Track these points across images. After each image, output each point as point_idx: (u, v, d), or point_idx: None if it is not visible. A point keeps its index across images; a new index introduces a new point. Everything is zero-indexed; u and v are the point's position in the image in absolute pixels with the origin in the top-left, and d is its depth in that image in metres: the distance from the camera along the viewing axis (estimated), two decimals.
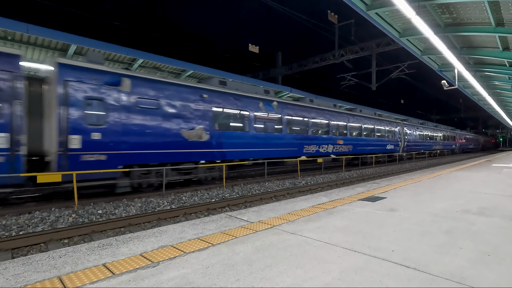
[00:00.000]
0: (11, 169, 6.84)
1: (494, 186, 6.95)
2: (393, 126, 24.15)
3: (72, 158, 7.69)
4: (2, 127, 6.77)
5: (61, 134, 7.52)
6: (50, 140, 7.61)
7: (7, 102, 6.85)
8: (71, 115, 7.72)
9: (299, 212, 4.41)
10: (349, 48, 21.16)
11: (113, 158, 8.37)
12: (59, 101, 7.55)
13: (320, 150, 16.27)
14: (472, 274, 2.28)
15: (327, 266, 2.45)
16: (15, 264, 2.52)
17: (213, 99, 11.03)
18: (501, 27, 9.48)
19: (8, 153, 6.85)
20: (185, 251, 2.82)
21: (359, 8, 8.75)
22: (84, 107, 7.95)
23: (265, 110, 13.17)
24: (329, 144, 16.91)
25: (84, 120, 7.92)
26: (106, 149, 8.27)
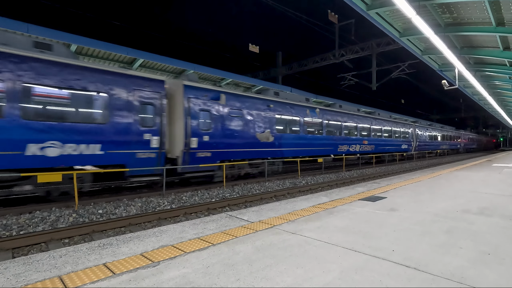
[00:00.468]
0: (159, 163, 9.29)
1: (494, 186, 6.95)
2: (407, 127, 26.57)
3: (192, 155, 10.15)
4: (155, 132, 9.25)
5: (186, 137, 9.98)
6: (179, 142, 10.02)
7: (158, 115, 9.35)
8: (192, 123, 10.19)
9: (299, 212, 4.41)
10: (349, 47, 21.15)
11: (215, 155, 10.92)
12: (184, 112, 9.99)
13: (350, 149, 18.75)
14: (472, 274, 2.28)
15: (328, 265, 2.45)
16: (16, 264, 2.53)
17: (276, 108, 13.59)
18: (501, 27, 9.47)
19: (158, 151, 9.28)
20: (186, 250, 2.82)
21: (359, 7, 8.75)
22: (199, 117, 10.46)
23: (310, 115, 15.61)
24: (357, 144, 19.41)
25: (199, 127, 10.42)
26: (211, 148, 10.76)
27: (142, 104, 9.04)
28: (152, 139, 9.17)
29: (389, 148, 23.45)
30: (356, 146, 19.27)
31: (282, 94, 14.89)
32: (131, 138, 8.74)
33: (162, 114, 9.43)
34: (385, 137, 22.85)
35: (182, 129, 9.93)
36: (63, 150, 7.46)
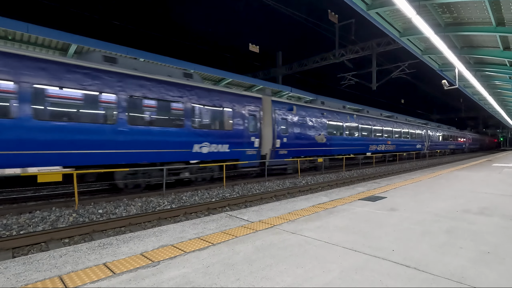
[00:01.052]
0: (257, 158, 12.77)
1: (494, 186, 6.95)
2: (420, 129, 30.08)
3: (276, 152, 13.64)
4: (257, 135, 12.75)
5: (273, 139, 13.41)
6: (268, 143, 13.33)
7: (258, 123, 12.83)
8: (277, 128, 13.64)
9: (299, 212, 4.41)
10: (349, 47, 21.13)
11: (289, 153, 14.41)
12: (272, 121, 13.40)
13: (377, 149, 22.26)
14: (473, 273, 2.28)
15: (328, 265, 2.45)
16: (16, 264, 2.53)
17: (327, 115, 17.07)
18: (501, 27, 9.47)
19: (257, 149, 12.78)
20: (186, 250, 2.82)
21: (359, 7, 8.74)
22: (280, 124, 13.92)
23: (350, 120, 19.02)
24: (383, 144, 23.03)
25: (281, 131, 13.87)
26: (287, 147, 14.19)
27: (249, 115, 12.51)
28: (255, 141, 12.69)
29: (407, 147, 26.94)
30: (382, 146, 22.91)
31: (326, 103, 18.47)
32: (244, 140, 12.25)
33: (260, 122, 12.95)
34: (403, 138, 26.42)
35: (271, 133, 13.40)
36: (210, 149, 10.94)
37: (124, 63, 9.30)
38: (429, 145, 31.79)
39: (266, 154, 13.22)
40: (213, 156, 11.02)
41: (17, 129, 7.00)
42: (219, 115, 11.45)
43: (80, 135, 7.93)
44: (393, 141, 24.30)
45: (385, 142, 23.24)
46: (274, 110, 13.62)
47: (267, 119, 13.32)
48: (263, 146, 13.10)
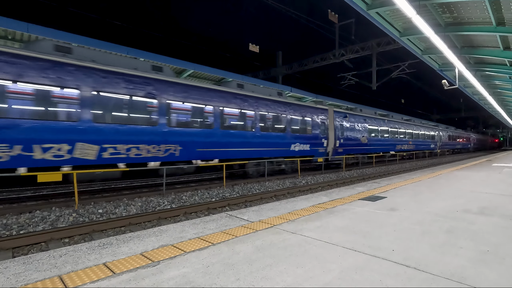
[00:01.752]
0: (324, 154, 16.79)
1: (494, 186, 6.95)
2: (433, 131, 34.31)
3: (336, 151, 17.67)
4: (325, 138, 16.75)
5: (334, 140, 17.43)
6: (331, 143, 17.33)
7: (326, 128, 16.80)
8: (336, 132, 17.64)
9: (299, 212, 4.41)
10: (349, 47, 21.14)
11: (344, 151, 18.49)
12: (334, 126, 17.47)
13: (402, 148, 26.67)
14: (473, 273, 2.28)
15: (328, 265, 2.45)
16: (16, 263, 2.53)
17: (367, 121, 21.36)
18: (501, 27, 9.46)
19: (325, 148, 16.84)
20: (186, 250, 2.82)
21: (359, 7, 8.74)
22: (339, 129, 17.92)
23: (382, 125, 23.46)
24: (405, 144, 27.33)
25: (339, 134, 17.86)
26: (343, 147, 18.32)
27: (321, 123, 16.56)
28: (324, 142, 16.79)
29: (423, 147, 31.06)
30: (404, 145, 27.19)
31: (363, 110, 22.60)
32: (318, 141, 16.36)
33: (327, 127, 17.06)
34: (421, 138, 30.64)
35: (333, 135, 17.50)
36: (300, 148, 15.12)
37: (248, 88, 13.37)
38: (441, 145, 36.18)
39: (329, 152, 17.47)
40: (300, 153, 15.28)
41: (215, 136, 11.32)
42: (304, 123, 15.67)
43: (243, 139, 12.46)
44: (413, 142, 28.94)
45: (407, 143, 27.78)
46: (334, 118, 17.78)
47: (330, 125, 17.45)
48: (328, 146, 17.30)
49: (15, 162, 7.03)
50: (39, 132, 7.39)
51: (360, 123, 20.29)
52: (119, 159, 8.78)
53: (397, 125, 25.72)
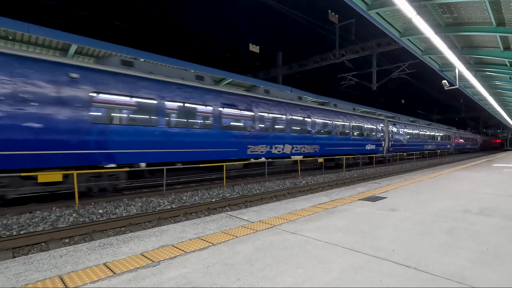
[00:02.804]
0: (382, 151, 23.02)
1: (494, 186, 6.95)
2: (448, 132, 40.52)
3: (388, 150, 23.30)
4: (383, 140, 22.91)
5: (388, 142, 23.35)
6: (386, 143, 23.16)
7: (383, 132, 22.93)
8: (389, 135, 23.64)
9: (299, 212, 4.41)
10: (349, 47, 21.13)
11: (393, 150, 24.26)
12: (387, 130, 23.33)
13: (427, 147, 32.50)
14: (473, 274, 2.28)
15: (328, 265, 2.45)
16: (16, 263, 2.53)
17: (406, 127, 27.38)
18: (502, 27, 9.46)
19: (383, 148, 22.85)
20: (186, 250, 2.82)
21: (359, 7, 8.74)
22: (390, 133, 23.61)
23: (415, 129, 29.46)
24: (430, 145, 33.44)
25: (390, 137, 23.72)
26: (393, 147, 24.11)
27: (381, 129, 22.41)
28: (382, 143, 22.61)
29: (442, 147, 37.52)
30: (429, 145, 33.12)
31: (401, 118, 28.84)
32: (379, 143, 22.14)
33: (384, 133, 22.78)
34: (440, 140, 37.03)
35: (387, 139, 23.30)
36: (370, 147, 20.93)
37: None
38: (454, 146, 42.76)
39: (384, 150, 23.13)
40: (370, 151, 21.14)
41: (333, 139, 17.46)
42: (373, 130, 21.63)
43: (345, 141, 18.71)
44: (435, 143, 35.02)
45: (432, 143, 33.83)
46: (388, 126, 23.60)
47: (385, 131, 23.17)
48: (384, 146, 22.98)
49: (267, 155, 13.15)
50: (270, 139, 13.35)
51: (402, 128, 26.45)
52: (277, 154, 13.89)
53: (424, 129, 31.92)
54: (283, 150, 13.85)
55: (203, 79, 11.16)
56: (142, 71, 9.46)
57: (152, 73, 9.71)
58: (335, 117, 17.64)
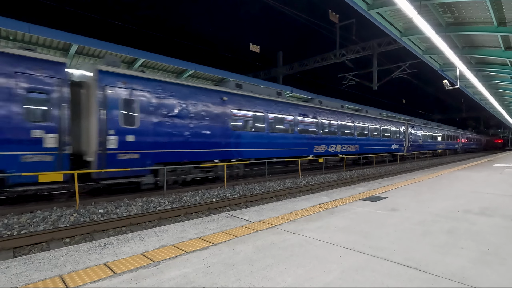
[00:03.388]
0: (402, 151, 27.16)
1: (495, 186, 6.93)
2: (456, 133, 44.89)
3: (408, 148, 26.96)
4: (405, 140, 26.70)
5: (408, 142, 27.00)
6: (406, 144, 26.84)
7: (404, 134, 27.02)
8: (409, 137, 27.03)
9: (300, 212, 4.41)
10: (350, 47, 21.13)
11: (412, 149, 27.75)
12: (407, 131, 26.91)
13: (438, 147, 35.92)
14: (474, 274, 2.27)
15: (328, 265, 2.45)
16: (17, 263, 2.53)
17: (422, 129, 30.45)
18: (503, 27, 9.44)
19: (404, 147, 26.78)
20: (186, 250, 2.83)
21: (360, 7, 8.73)
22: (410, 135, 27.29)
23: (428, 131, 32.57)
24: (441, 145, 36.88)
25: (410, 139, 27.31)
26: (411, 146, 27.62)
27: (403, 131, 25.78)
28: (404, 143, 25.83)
29: (450, 147, 41.18)
30: (440, 145, 36.56)
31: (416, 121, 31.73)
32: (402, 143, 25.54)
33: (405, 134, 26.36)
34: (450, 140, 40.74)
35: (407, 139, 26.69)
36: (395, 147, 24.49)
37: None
38: (461, 146, 46.67)
39: (405, 149, 26.11)
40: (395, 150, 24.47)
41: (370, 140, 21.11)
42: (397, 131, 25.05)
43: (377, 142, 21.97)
44: (445, 143, 38.69)
45: (442, 143, 37.56)
46: (407, 128, 26.60)
47: (406, 132, 26.26)
48: (405, 146, 26.21)
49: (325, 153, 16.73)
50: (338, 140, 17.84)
51: (418, 130, 29.49)
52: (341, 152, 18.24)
53: (436, 131, 35.57)
54: (335, 149, 17.65)
55: (281, 95, 14.77)
56: (247, 91, 12.75)
57: (252, 91, 13.03)
58: (370, 121, 21.23)
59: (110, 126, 8.31)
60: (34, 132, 7.19)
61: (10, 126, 6.89)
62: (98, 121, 8.09)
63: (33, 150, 7.15)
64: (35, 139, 7.20)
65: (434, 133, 34.55)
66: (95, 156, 8.05)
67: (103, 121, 8.18)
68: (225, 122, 11.40)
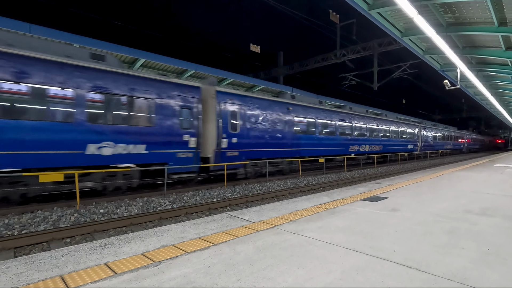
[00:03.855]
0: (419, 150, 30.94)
1: (496, 186, 6.92)
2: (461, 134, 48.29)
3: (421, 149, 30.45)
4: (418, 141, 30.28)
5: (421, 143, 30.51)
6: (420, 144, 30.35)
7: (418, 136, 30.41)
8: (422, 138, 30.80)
9: (300, 212, 4.41)
10: (350, 47, 21.11)
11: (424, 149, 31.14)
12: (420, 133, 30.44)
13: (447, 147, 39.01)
14: (474, 274, 2.27)
15: (329, 266, 2.44)
16: (18, 263, 2.54)
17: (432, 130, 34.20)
18: (504, 27, 9.42)
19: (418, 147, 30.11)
20: (187, 250, 2.83)
21: (361, 7, 8.72)
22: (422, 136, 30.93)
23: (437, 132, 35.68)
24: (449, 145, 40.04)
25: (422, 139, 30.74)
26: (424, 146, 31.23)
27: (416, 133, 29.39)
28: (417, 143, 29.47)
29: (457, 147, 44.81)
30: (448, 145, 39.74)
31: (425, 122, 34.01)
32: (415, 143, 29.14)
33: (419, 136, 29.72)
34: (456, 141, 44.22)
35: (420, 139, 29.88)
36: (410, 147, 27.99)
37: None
38: (466, 146, 50.55)
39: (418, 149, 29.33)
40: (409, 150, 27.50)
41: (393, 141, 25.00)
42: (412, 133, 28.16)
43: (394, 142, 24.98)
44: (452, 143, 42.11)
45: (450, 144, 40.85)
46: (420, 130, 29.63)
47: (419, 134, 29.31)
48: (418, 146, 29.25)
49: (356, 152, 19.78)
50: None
51: (429, 132, 32.79)
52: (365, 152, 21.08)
53: (444, 132, 38.86)
54: (365, 149, 20.80)
55: (322, 103, 17.61)
56: (297, 100, 15.65)
57: (302, 101, 15.78)
58: (390, 124, 24.56)
59: (223, 131, 11.33)
60: (184, 136, 10.19)
61: (173, 132, 9.89)
62: (216, 128, 11.10)
63: (183, 149, 10.14)
64: (185, 141, 10.17)
65: (442, 134, 38.13)
66: (213, 154, 11.07)
67: (219, 128, 11.22)
68: (290, 127, 14.52)
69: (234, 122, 11.78)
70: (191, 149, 10.27)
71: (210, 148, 11.06)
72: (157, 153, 9.46)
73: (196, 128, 10.42)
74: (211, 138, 11.08)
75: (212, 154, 10.99)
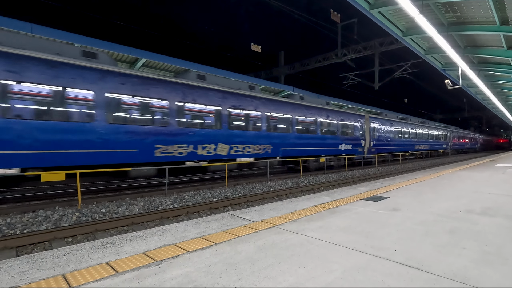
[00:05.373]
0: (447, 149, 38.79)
1: (497, 186, 6.91)
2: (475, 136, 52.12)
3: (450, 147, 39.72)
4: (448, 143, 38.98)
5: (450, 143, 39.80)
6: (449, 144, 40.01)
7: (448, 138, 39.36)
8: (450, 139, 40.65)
9: (301, 212, 4.41)
10: (352, 47, 21.09)
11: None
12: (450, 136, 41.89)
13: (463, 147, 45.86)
14: (476, 274, 2.27)
15: (330, 265, 2.45)
16: (20, 262, 2.55)
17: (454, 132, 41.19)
18: (505, 26, 9.40)
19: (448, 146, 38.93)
20: (188, 250, 2.83)
21: (362, 7, 8.71)
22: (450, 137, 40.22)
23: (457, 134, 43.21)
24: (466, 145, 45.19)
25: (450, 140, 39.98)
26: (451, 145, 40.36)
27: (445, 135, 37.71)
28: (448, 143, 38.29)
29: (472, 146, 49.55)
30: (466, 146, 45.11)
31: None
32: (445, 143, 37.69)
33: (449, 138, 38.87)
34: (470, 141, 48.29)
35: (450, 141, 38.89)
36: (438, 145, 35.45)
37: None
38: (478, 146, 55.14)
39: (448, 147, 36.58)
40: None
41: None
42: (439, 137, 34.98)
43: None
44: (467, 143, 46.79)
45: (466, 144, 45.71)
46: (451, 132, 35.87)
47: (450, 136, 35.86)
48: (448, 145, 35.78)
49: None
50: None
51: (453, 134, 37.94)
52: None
53: (461, 133, 44.04)
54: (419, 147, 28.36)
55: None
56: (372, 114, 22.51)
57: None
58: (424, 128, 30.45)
59: (371, 138, 20.41)
60: (361, 141, 19.59)
61: (359, 138, 19.40)
62: (369, 137, 20.26)
63: (360, 147, 19.67)
64: (361, 143, 19.63)
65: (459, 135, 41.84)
66: (367, 151, 20.16)
67: (370, 137, 20.36)
68: (397, 134, 22.77)
69: (374, 133, 20.96)
70: (362, 147, 19.70)
71: (366, 147, 20.09)
72: (354, 149, 18.84)
73: (364, 136, 19.68)
74: (367, 141, 20.14)
75: (366, 152, 20.07)
